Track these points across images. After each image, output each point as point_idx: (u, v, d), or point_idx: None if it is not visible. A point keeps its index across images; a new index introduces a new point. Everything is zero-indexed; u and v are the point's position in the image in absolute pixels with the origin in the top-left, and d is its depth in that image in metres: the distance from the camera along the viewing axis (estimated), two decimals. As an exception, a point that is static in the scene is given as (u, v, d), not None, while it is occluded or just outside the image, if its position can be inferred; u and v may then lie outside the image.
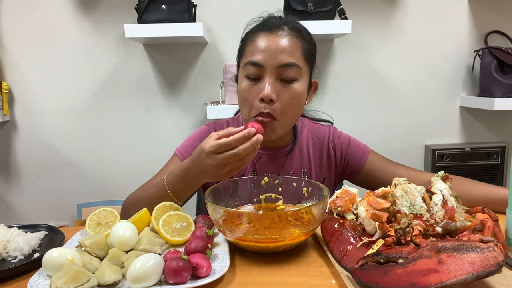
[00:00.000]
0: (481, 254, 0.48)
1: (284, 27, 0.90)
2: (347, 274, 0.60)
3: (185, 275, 0.58)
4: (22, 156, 1.80)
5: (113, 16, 1.69)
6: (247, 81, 0.90)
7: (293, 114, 0.92)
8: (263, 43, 0.88)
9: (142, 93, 1.77)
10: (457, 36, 1.82)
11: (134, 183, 1.31)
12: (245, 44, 0.94)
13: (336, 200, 0.74)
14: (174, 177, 0.84)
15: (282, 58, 0.87)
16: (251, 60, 0.88)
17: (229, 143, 0.72)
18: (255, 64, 0.87)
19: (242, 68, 0.92)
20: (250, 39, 0.92)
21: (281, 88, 0.88)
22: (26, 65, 1.72)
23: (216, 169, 0.75)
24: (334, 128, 1.09)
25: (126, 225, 0.70)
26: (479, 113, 1.89)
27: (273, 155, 1.02)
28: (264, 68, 0.87)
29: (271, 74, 0.87)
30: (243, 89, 0.91)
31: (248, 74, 0.90)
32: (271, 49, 0.87)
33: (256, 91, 0.88)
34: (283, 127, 0.92)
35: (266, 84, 0.86)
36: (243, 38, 0.96)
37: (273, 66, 0.87)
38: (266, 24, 0.92)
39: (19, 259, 0.69)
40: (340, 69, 1.81)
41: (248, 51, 0.91)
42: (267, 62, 0.87)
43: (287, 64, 0.87)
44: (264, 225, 0.67)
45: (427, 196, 0.67)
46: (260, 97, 0.87)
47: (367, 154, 1.04)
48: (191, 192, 0.88)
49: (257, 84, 0.89)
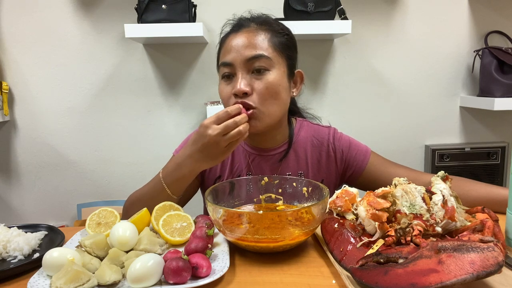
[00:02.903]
0: (481, 254, 0.48)
1: (251, 24, 0.95)
2: (347, 274, 0.60)
3: (185, 275, 0.58)
4: (22, 156, 1.79)
5: (113, 16, 1.69)
6: (223, 82, 0.94)
7: (274, 103, 0.91)
8: (231, 43, 0.92)
9: (142, 93, 1.77)
10: (457, 36, 1.82)
11: (134, 183, 1.31)
12: (219, 49, 0.98)
13: (336, 200, 0.74)
14: (170, 168, 0.87)
15: (248, 52, 0.90)
16: (222, 61, 0.93)
17: (227, 111, 0.80)
18: (226, 64, 0.92)
19: (219, 71, 0.96)
20: (222, 43, 0.97)
21: (254, 80, 0.90)
22: (26, 65, 1.72)
23: (216, 142, 0.80)
24: (334, 130, 1.07)
25: (126, 225, 0.70)
26: (479, 113, 1.89)
27: (267, 156, 1.02)
28: (234, 66, 0.90)
29: (241, 69, 0.90)
30: (220, 90, 0.95)
31: (223, 74, 0.93)
32: (238, 46, 0.91)
33: (230, 89, 0.91)
34: (268, 116, 0.91)
35: (238, 79, 0.89)
36: (219, 44, 1.00)
37: (241, 62, 0.90)
38: (234, 25, 0.97)
39: (19, 259, 0.69)
40: (340, 69, 1.81)
41: (221, 55, 0.96)
42: (235, 59, 0.90)
43: (253, 56, 0.89)
44: (264, 225, 0.67)
45: (427, 196, 0.67)
46: (233, 93, 0.89)
47: (368, 156, 1.03)
48: (186, 183, 0.89)
49: (232, 82, 0.92)
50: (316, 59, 1.78)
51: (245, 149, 1.03)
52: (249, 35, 0.92)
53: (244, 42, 0.90)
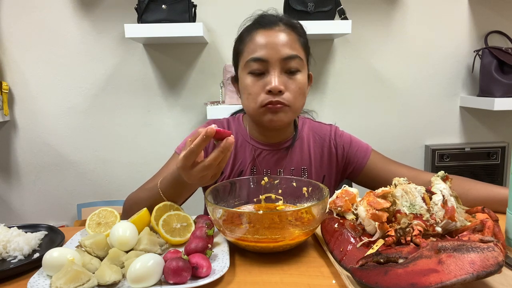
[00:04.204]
0: (481, 254, 0.48)
1: (279, 22, 0.93)
2: (347, 274, 0.60)
3: (185, 275, 0.58)
4: (22, 156, 1.80)
5: (113, 16, 1.69)
6: (251, 77, 0.92)
7: (300, 103, 0.95)
8: (263, 39, 0.90)
9: (142, 93, 1.77)
10: (457, 36, 1.82)
11: (134, 183, 1.31)
12: (242, 43, 0.95)
13: (336, 200, 0.74)
14: (167, 184, 0.83)
15: (284, 51, 0.89)
16: (254, 56, 0.90)
17: (192, 150, 0.69)
18: (259, 60, 0.90)
19: (244, 66, 0.93)
20: (248, 38, 0.94)
21: (287, 79, 0.91)
22: (26, 65, 1.72)
23: (197, 181, 0.74)
24: (335, 127, 1.09)
25: (126, 225, 0.70)
26: (479, 113, 1.89)
27: (273, 150, 1.03)
28: (268, 62, 0.89)
29: (276, 67, 0.89)
30: (247, 85, 0.92)
31: (252, 71, 0.91)
32: (273, 43, 0.89)
33: (261, 85, 0.90)
34: (294, 113, 0.95)
35: (273, 77, 0.89)
36: (238, 38, 0.98)
37: (277, 60, 0.89)
38: (262, 21, 0.94)
39: (19, 259, 0.69)
40: (340, 69, 1.81)
41: (248, 50, 0.93)
42: (271, 56, 0.89)
43: (290, 56, 0.90)
44: (264, 225, 0.67)
45: (427, 196, 0.67)
46: (268, 89, 0.89)
47: (368, 153, 1.05)
48: (185, 197, 0.88)
49: (261, 78, 0.91)
50: (316, 59, 1.78)
51: (251, 144, 1.03)
52: (283, 34, 0.91)
53: (280, 40, 0.90)
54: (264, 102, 0.90)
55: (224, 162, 0.73)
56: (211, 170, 0.72)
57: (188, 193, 0.86)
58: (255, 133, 1.03)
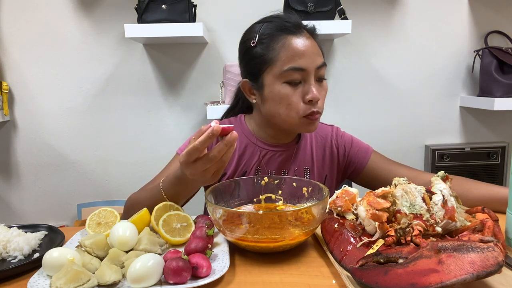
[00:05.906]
0: (481, 254, 0.48)
1: (302, 28, 0.93)
2: (347, 274, 0.60)
3: (185, 275, 0.58)
4: (22, 156, 1.79)
5: (113, 16, 1.69)
6: (289, 87, 0.90)
7: None
8: (300, 47, 0.89)
9: (142, 93, 1.77)
10: (457, 36, 1.82)
11: (134, 183, 1.31)
12: (270, 49, 0.90)
13: (336, 200, 0.74)
14: (169, 183, 0.83)
15: (318, 60, 0.91)
16: (294, 66, 0.88)
17: (196, 147, 0.68)
18: (300, 70, 0.89)
19: (280, 75, 0.89)
20: (278, 44, 0.89)
21: (318, 87, 0.92)
22: (26, 65, 1.72)
23: (199, 176, 0.73)
24: (337, 128, 1.11)
25: (126, 225, 0.70)
26: (479, 113, 1.89)
27: (278, 152, 1.03)
28: (306, 71, 0.89)
29: (312, 75, 0.90)
30: (287, 95, 0.90)
31: (291, 80, 0.89)
32: (310, 52, 0.89)
33: (300, 94, 0.90)
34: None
35: (312, 86, 0.90)
36: (260, 43, 0.92)
37: (313, 69, 0.90)
38: (288, 27, 0.91)
39: (19, 259, 0.69)
40: (340, 69, 1.81)
41: (283, 58, 0.89)
42: (309, 65, 0.89)
43: (322, 64, 0.92)
44: (264, 225, 0.67)
45: (427, 196, 0.67)
46: (309, 99, 0.89)
47: (369, 153, 1.06)
48: (187, 197, 0.87)
49: (298, 87, 0.90)
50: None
51: (257, 145, 1.03)
52: (312, 41, 0.92)
53: (313, 48, 0.90)
54: (306, 112, 0.90)
55: (227, 157, 0.72)
56: (214, 165, 0.71)
57: (190, 192, 0.85)
58: (262, 135, 1.03)
